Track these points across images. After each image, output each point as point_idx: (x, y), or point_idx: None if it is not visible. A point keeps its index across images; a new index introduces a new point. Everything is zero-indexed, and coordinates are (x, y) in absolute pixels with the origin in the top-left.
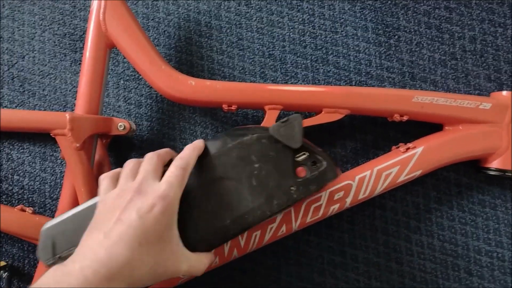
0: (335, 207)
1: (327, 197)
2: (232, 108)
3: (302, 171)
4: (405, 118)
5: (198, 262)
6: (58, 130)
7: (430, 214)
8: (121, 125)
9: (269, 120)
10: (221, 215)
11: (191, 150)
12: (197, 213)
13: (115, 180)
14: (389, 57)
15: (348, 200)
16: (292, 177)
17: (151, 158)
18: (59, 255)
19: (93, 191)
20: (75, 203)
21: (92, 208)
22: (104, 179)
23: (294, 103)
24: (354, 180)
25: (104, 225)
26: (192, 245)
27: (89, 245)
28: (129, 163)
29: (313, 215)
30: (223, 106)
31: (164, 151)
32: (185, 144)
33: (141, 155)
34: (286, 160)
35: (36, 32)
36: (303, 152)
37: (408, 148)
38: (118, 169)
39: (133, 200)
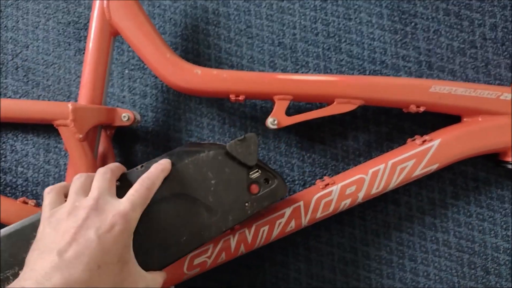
0: (346, 202)
1: (339, 191)
2: (239, 98)
3: (255, 188)
4: (421, 109)
5: (154, 281)
6: (61, 120)
7: (446, 210)
8: (125, 115)
9: (279, 111)
10: (178, 231)
11: (159, 171)
12: (152, 230)
13: (62, 195)
14: (405, 45)
15: (361, 195)
16: (247, 194)
17: (104, 173)
18: None
19: None
20: None
21: (30, 227)
22: (50, 193)
23: (305, 93)
24: (367, 173)
25: (55, 245)
26: (145, 263)
27: (41, 268)
28: (79, 178)
29: (324, 210)
30: (230, 96)
31: (116, 167)
32: (191, 136)
33: (145, 147)
34: (241, 177)
35: (40, 21)
36: (256, 170)
37: (424, 141)
38: (63, 183)
39: (90, 218)
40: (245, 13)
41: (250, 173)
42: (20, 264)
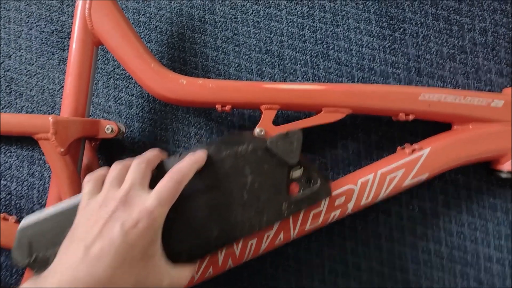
0: (336, 213)
1: (327, 203)
2: (226, 108)
3: (295, 188)
4: (411, 117)
5: (179, 276)
6: (41, 134)
7: (438, 219)
8: (109, 127)
9: (266, 120)
10: (209, 226)
11: (191, 163)
12: (183, 223)
13: (100, 184)
14: (394, 51)
15: (350, 206)
16: (285, 194)
17: (139, 164)
18: (35, 256)
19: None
20: None
21: (74, 210)
22: (89, 182)
23: (292, 102)
24: (356, 184)
25: (85, 236)
26: (174, 256)
27: (68, 261)
28: (116, 167)
29: (313, 222)
30: (217, 106)
31: (153, 155)
32: (178, 146)
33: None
34: (280, 175)
35: (22, 30)
36: (299, 167)
37: (414, 150)
38: (103, 171)
39: (117, 211)
40: (232, 21)
41: (291, 171)
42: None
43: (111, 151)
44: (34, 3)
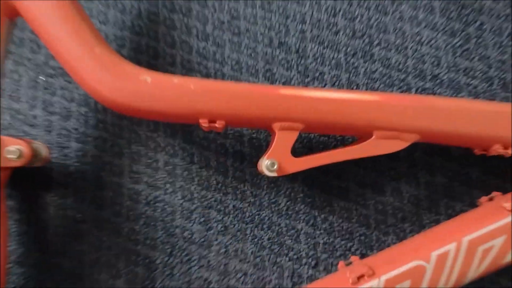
0: None
1: None
2: (216, 125)
3: None
4: (510, 151)
5: None
6: None
7: None
8: (13, 150)
9: (280, 147)
10: None
11: None
12: None
13: None
14: (467, 53)
15: None
16: None
17: None
18: None
19: None
20: None
21: None
22: None
23: (326, 119)
24: (428, 259)
25: None
26: None
27: None
28: None
29: None
30: (201, 121)
31: None
32: (138, 182)
33: (63, 197)
34: None
35: None
36: None
37: None
38: None
39: None
40: None
41: None
42: None
43: (30, 186)
44: None
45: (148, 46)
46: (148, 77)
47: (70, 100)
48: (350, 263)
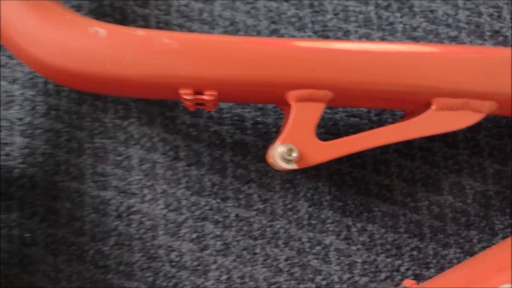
0: None
1: None
2: (205, 97)
3: None
4: None
5: None
6: None
7: None
8: None
9: (299, 127)
10: None
11: None
12: None
13: None
14: None
15: None
16: None
17: None
18: None
19: None
20: None
21: None
22: None
23: (365, 83)
24: None
25: None
26: None
27: None
28: None
29: None
30: (182, 91)
31: None
32: (104, 188)
33: (7, 211)
34: None
35: None
36: None
37: None
38: None
39: None
40: None
41: None
42: None
43: None
44: None
45: (113, 6)
46: (100, 29)
47: (12, 81)
48: None
